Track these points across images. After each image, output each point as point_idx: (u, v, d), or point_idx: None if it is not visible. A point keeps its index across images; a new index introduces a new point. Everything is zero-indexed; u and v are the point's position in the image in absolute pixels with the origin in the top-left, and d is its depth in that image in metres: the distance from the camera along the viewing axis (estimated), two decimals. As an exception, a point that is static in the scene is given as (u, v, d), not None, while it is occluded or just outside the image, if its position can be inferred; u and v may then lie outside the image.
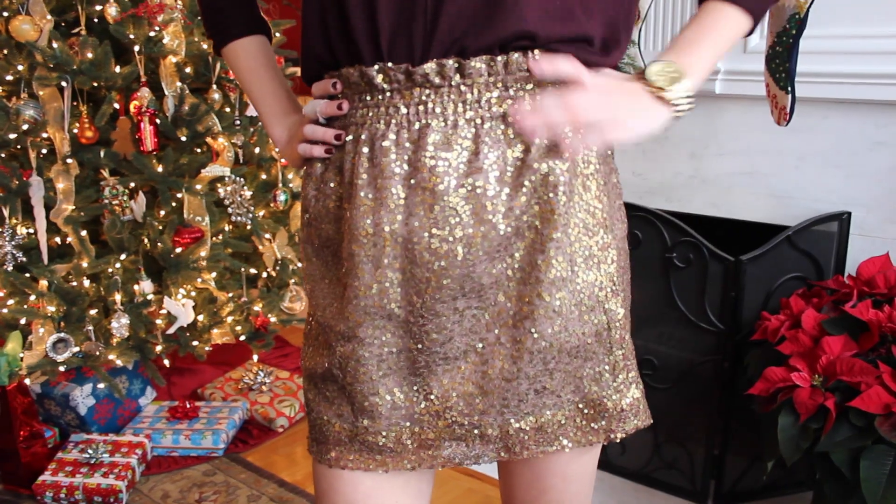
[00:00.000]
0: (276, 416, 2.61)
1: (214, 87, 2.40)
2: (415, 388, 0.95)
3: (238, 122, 2.46)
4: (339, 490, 1.01)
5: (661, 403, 2.19)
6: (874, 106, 1.87)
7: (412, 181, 0.86)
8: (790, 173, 2.02)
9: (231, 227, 2.48)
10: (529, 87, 0.86)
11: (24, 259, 2.18)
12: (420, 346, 0.92)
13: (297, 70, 2.95)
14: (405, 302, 0.90)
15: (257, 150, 2.51)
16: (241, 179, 2.42)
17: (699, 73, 0.89)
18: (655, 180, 2.24)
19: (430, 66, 0.84)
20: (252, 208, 2.44)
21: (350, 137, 0.91)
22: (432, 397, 0.94)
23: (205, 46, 2.36)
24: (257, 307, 2.50)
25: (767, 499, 2.14)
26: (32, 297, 2.17)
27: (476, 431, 0.94)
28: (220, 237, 2.41)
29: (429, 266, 0.88)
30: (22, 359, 2.14)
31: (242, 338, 2.49)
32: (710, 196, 2.15)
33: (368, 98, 0.89)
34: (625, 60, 1.95)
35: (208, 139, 2.37)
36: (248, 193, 2.43)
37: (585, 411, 0.96)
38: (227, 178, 2.39)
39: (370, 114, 0.89)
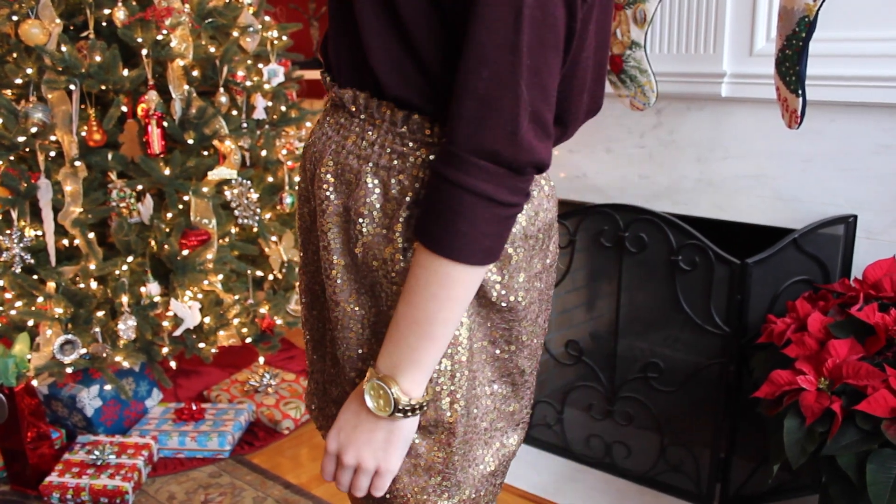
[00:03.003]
0: (281, 418, 2.62)
1: (221, 90, 2.41)
2: (327, 367, 1.02)
3: (245, 125, 2.47)
4: None
5: (666, 406, 2.19)
6: (881, 109, 1.87)
7: (312, 187, 0.93)
8: (796, 176, 2.02)
9: (238, 229, 2.48)
10: (424, 149, 0.83)
11: (32, 261, 2.19)
12: (326, 329, 1.01)
13: (304, 73, 2.96)
14: (314, 286, 1.01)
15: (264, 152, 2.52)
16: (248, 182, 2.43)
17: (411, 365, 0.82)
18: (662, 184, 2.24)
19: (347, 94, 0.87)
20: (258, 211, 2.45)
21: (315, 124, 0.99)
22: (332, 384, 1.02)
23: (212, 50, 2.37)
24: (263, 309, 2.51)
25: (773, 502, 2.13)
26: (40, 299, 2.18)
27: None
28: (227, 240, 2.42)
29: (324, 269, 0.94)
30: (29, 360, 2.15)
31: (248, 340, 2.49)
32: (717, 199, 2.15)
33: (326, 98, 0.97)
34: (630, 63, 1.95)
35: (215, 142, 2.38)
36: (254, 196, 2.43)
37: None
38: (233, 181, 2.39)
39: (322, 112, 0.97)
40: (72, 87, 2.15)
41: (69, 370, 2.18)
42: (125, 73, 2.21)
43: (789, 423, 1.60)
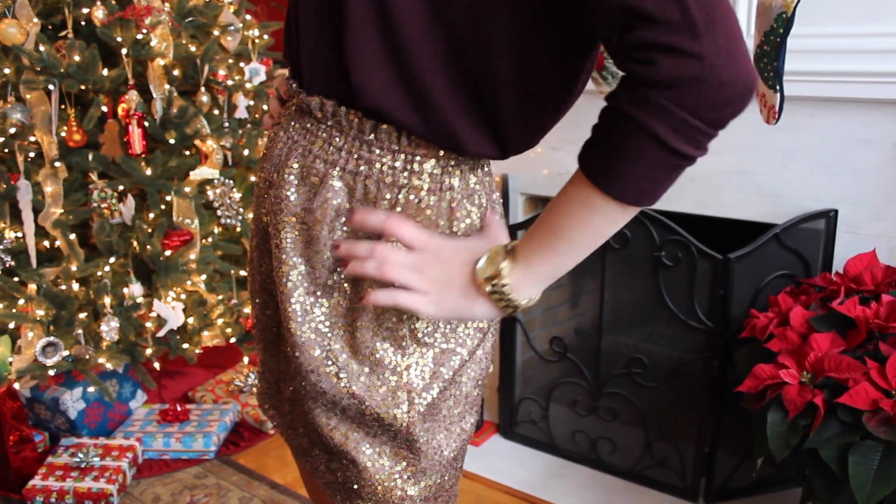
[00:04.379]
0: (266, 418, 2.61)
1: (203, 89, 2.40)
2: (282, 367, 1.03)
3: (227, 124, 2.45)
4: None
5: (651, 402, 2.20)
6: (860, 104, 1.88)
7: (271, 190, 0.93)
8: (778, 172, 2.03)
9: (220, 229, 2.47)
10: (390, 156, 0.86)
11: (13, 263, 2.16)
12: (281, 331, 1.00)
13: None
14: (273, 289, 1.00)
15: (246, 152, 2.50)
16: (230, 182, 2.41)
17: (542, 270, 0.81)
18: (644, 179, 2.25)
19: (314, 101, 0.89)
20: (241, 210, 2.44)
21: (277, 127, 0.99)
22: (291, 386, 1.01)
23: (192, 49, 2.35)
24: (247, 309, 2.49)
25: (757, 495, 2.15)
26: (21, 301, 2.16)
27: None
28: (210, 239, 2.41)
29: (275, 268, 0.94)
30: (11, 363, 2.13)
31: (233, 340, 2.48)
32: (700, 195, 2.16)
33: (289, 105, 0.97)
34: (611, 60, 1.96)
35: (197, 142, 2.37)
36: (237, 195, 2.42)
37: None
38: (216, 181, 2.38)
39: (284, 119, 0.97)
40: (51, 87, 2.13)
41: (52, 373, 2.16)
42: (105, 72, 2.19)
43: (772, 417, 1.61)
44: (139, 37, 2.21)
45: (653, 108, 0.67)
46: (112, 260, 2.24)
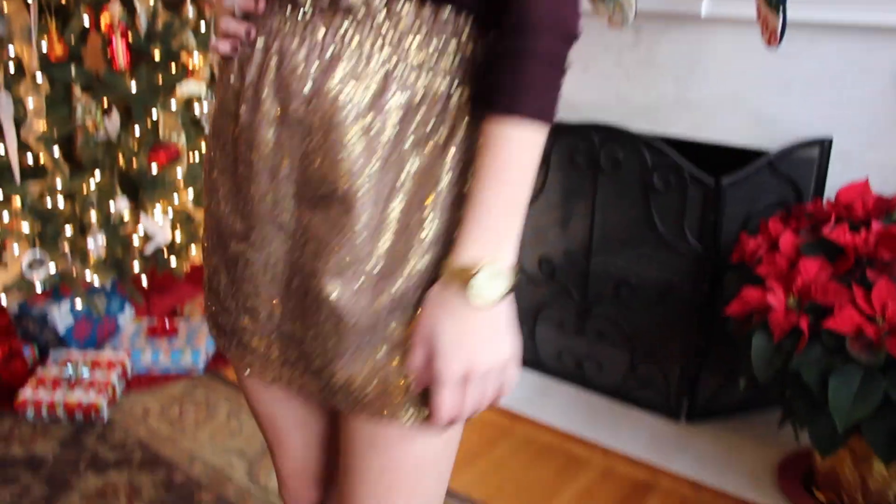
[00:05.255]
0: (255, 335, 2.63)
1: (189, 2, 2.33)
2: (290, 305, 0.95)
3: (213, 39, 2.39)
4: (242, 381, 1.08)
5: (638, 324, 2.23)
6: (861, 31, 1.85)
7: (310, 105, 0.86)
8: (774, 98, 2.02)
9: (208, 145, 2.44)
10: (453, 41, 0.85)
11: (-4, 178, 2.13)
12: (299, 262, 0.92)
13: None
14: (297, 214, 0.91)
15: (233, 66, 2.45)
16: (218, 97, 2.37)
17: (510, 239, 0.85)
18: (639, 103, 2.22)
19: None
20: (229, 127, 2.41)
21: (259, 44, 0.90)
22: (299, 322, 0.94)
23: (177, -43, 2.28)
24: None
25: (738, 416, 2.20)
26: (6, 218, 2.14)
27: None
28: (197, 155, 2.38)
29: (314, 189, 0.88)
30: (-2, 278, 2.13)
31: (221, 256, 2.48)
32: (695, 119, 2.15)
33: (288, 12, 0.88)
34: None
35: (183, 55, 2.31)
36: (224, 111, 2.38)
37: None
38: (202, 97, 2.34)
39: (286, 28, 0.88)
40: (30, -4, 2.07)
41: (39, 289, 2.15)
42: (86, -19, 2.12)
43: (757, 340, 1.64)
44: (121, -57, 2.13)
45: (532, 34, 0.79)
46: (98, 176, 2.21)
